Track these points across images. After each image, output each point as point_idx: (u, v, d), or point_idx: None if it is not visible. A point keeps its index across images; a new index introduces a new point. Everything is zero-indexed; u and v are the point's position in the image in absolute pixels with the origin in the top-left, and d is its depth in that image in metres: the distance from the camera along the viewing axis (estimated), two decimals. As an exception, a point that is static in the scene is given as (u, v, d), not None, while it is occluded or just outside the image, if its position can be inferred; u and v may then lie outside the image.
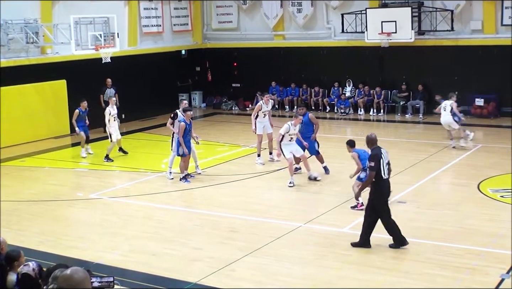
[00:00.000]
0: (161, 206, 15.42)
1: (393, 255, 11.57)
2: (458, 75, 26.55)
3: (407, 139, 22.84)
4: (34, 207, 15.64)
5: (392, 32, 26.14)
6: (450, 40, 26.54)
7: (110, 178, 18.42)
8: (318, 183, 16.60)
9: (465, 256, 11.44)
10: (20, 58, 23.72)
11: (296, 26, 30.02)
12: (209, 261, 11.60)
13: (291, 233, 12.97)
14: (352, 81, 28.87)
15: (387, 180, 11.71)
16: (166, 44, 30.40)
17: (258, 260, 11.62)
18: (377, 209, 11.70)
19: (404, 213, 14.15)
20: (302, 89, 29.89)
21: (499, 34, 25.74)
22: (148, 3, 29.19)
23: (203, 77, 32.35)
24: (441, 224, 13.23)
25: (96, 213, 15.33)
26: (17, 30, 23.16)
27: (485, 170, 17.54)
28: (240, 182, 17.12)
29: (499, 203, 14.57)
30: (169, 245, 12.63)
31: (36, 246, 12.75)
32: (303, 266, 11.30)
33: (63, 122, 24.77)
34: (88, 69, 25.05)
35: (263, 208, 14.93)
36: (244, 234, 13.12)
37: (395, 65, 27.90)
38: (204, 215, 14.57)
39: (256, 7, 30.80)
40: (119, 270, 11.27)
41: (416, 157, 19.40)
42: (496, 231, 12.68)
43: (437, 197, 15.22)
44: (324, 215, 13.58)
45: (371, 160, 11.61)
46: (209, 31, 32.41)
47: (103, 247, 12.74)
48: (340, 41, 28.82)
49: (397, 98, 27.89)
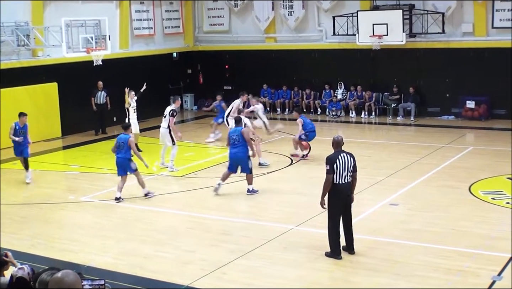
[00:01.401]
0: (152, 209, 15.39)
1: (384, 257, 11.58)
2: (449, 77, 26.63)
3: (398, 141, 22.86)
4: (25, 210, 15.59)
5: (384, 34, 26.17)
6: (441, 42, 26.61)
7: (102, 181, 18.37)
8: (310, 186, 16.56)
9: (456, 258, 11.47)
10: (11, 61, 23.65)
11: (288, 29, 30.04)
12: (201, 264, 11.59)
13: (283, 235, 12.97)
14: (344, 83, 28.89)
15: (343, 186, 11.34)
16: (158, 46, 30.39)
17: (250, 262, 11.61)
18: (329, 212, 11.55)
19: (396, 215, 14.19)
20: (293, 91, 29.90)
21: (490, 37, 25.82)
22: (139, 6, 29.16)
23: (195, 79, 32.33)
24: (432, 226, 13.25)
25: (88, 215, 15.29)
26: (8, 33, 23.09)
27: (476, 172, 17.58)
28: (232, 185, 17.09)
29: (491, 205, 14.61)
30: (161, 247, 12.61)
31: (27, 249, 12.71)
32: (295, 268, 11.30)
33: (54, 125, 24.73)
34: (80, 72, 25.03)
35: (255, 210, 14.94)
36: (236, 236, 13.12)
37: (386, 68, 27.96)
38: (196, 217, 14.56)
39: (247, 9, 30.81)
40: (110, 273, 11.24)
41: (407, 159, 19.43)
42: (487, 233, 12.72)
43: (428, 199, 15.25)
44: (316, 217, 13.57)
45: (326, 162, 11.39)
46: (200, 33, 32.41)
47: (95, 250, 12.71)
48: (332, 43, 28.86)
49: (388, 101, 27.93)
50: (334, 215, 11.47)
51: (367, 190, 15.93)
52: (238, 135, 15.90)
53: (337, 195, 11.37)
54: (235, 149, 15.89)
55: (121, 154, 15.83)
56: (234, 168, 16.03)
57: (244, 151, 15.85)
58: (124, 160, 15.83)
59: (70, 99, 25.02)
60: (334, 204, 11.42)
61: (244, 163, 15.87)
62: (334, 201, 11.41)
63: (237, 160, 15.87)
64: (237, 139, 15.88)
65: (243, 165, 15.90)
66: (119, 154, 15.87)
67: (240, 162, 15.85)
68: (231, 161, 16.05)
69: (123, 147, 15.82)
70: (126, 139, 15.86)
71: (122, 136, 16.03)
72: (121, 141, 15.90)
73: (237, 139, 15.88)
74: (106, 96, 25.39)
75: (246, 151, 15.88)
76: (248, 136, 16.07)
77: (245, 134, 15.95)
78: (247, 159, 15.85)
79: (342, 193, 11.39)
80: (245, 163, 15.88)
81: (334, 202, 11.41)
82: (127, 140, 15.82)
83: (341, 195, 11.39)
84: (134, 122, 21.00)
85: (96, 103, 25.19)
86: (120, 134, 16.24)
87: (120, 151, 15.86)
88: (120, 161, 15.89)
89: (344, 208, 11.51)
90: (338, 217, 11.49)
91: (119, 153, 15.88)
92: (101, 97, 25.38)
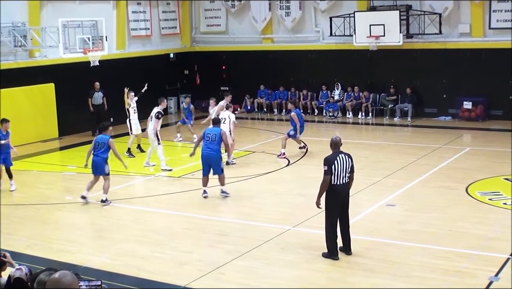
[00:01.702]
0: (150, 209, 15.38)
1: (382, 258, 11.58)
2: (446, 78, 26.66)
3: (395, 142, 22.88)
4: (22, 211, 15.57)
5: (381, 35, 26.19)
6: (438, 43, 26.63)
7: (99, 182, 18.32)
8: (307, 186, 16.55)
9: (454, 258, 11.47)
10: (8, 62, 23.62)
11: (285, 30, 30.05)
12: (198, 264, 11.58)
13: (280, 236, 12.96)
14: (341, 84, 28.90)
15: (341, 186, 11.37)
16: (155, 47, 30.37)
17: (247, 263, 11.61)
18: (327, 213, 11.55)
19: (393, 216, 14.20)
20: (290, 92, 29.90)
21: (487, 37, 25.85)
22: (136, 7, 29.15)
23: (192, 80, 32.32)
24: (430, 227, 13.25)
25: (85, 216, 15.28)
26: (5, 34, 23.07)
27: (473, 173, 17.59)
28: (229, 185, 17.08)
29: (488, 206, 14.62)
30: (158, 248, 12.60)
31: (24, 249, 12.70)
32: (292, 269, 11.30)
33: (52, 125, 24.72)
34: (77, 73, 25.01)
35: (252, 211, 14.92)
36: (233, 237, 13.11)
37: (383, 69, 27.97)
38: (193, 218, 14.55)
39: (244, 10, 30.81)
40: (107, 274, 11.23)
41: (404, 160, 19.44)
42: (485, 234, 12.73)
43: (425, 200, 15.25)
44: (314, 218, 13.57)
45: (324, 163, 11.37)
46: (197, 34, 32.41)
47: (92, 251, 12.70)
48: (329, 44, 28.87)
49: (385, 102, 27.94)
50: (332, 216, 11.47)
51: (364, 190, 15.93)
52: (216, 135, 15.77)
53: (335, 196, 11.37)
54: (209, 148, 15.73)
55: (99, 154, 15.80)
56: (208, 169, 15.89)
57: (218, 150, 15.75)
58: (101, 161, 15.79)
59: (67, 100, 24.99)
60: (332, 205, 11.42)
61: (216, 163, 15.76)
62: (332, 202, 11.41)
63: (209, 158, 15.71)
64: (213, 139, 15.76)
65: (215, 165, 15.76)
66: (97, 153, 15.83)
67: (212, 161, 15.70)
68: (204, 160, 15.87)
69: (102, 146, 15.76)
70: (106, 140, 15.81)
71: (101, 136, 15.98)
72: (100, 141, 15.82)
73: (213, 138, 15.77)
74: (103, 97, 25.38)
75: (219, 151, 15.81)
76: (226, 139, 16.07)
77: (224, 137, 15.90)
78: (219, 159, 15.77)
79: (340, 193, 11.39)
80: (218, 164, 15.76)
81: (332, 202, 11.41)
82: (107, 141, 15.78)
83: (339, 196, 11.40)
84: (135, 122, 21.41)
85: (93, 104, 25.21)
86: (99, 135, 16.21)
87: (98, 150, 15.80)
88: (97, 160, 15.83)
89: (341, 209, 11.51)
90: (336, 218, 11.49)
91: (97, 152, 15.83)
92: (98, 98, 25.37)
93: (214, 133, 15.85)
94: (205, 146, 15.83)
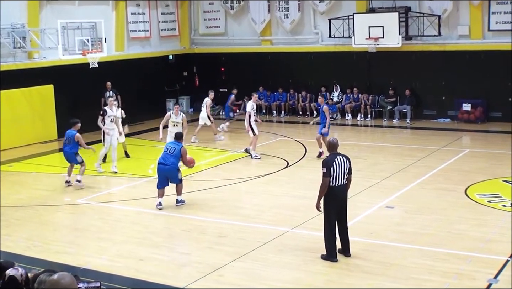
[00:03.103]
0: (148, 211, 15.37)
1: (380, 260, 11.58)
2: (445, 80, 26.66)
3: (394, 144, 22.88)
4: (21, 212, 15.56)
5: (380, 37, 26.23)
6: (438, 45, 26.65)
7: (98, 183, 18.35)
8: (306, 188, 16.55)
9: (452, 260, 11.47)
10: (7, 63, 23.61)
11: (284, 31, 30.06)
12: (197, 266, 11.58)
13: (279, 238, 12.96)
14: (340, 86, 28.91)
15: (339, 188, 11.36)
16: (154, 49, 30.37)
17: (246, 265, 11.61)
18: (325, 215, 11.53)
19: (392, 217, 14.20)
20: (289, 94, 29.92)
21: (486, 39, 25.87)
22: (135, 8, 29.16)
23: (191, 82, 32.33)
24: (428, 229, 13.26)
25: (84, 218, 15.28)
26: (4, 35, 23.08)
27: (472, 175, 17.60)
28: (228, 187, 17.10)
29: (487, 208, 14.62)
30: (157, 250, 12.60)
31: (23, 251, 12.68)
32: (291, 271, 11.30)
33: (51, 127, 24.72)
34: (76, 74, 25.02)
35: (251, 212, 14.92)
36: (232, 239, 13.11)
37: (382, 70, 27.97)
38: (192, 220, 14.54)
39: (243, 12, 30.83)
40: (106, 275, 11.23)
41: (403, 161, 19.44)
42: (483, 236, 12.73)
43: (424, 202, 15.25)
44: (312, 220, 13.57)
45: (323, 165, 11.35)
46: (196, 36, 32.41)
47: (91, 252, 12.68)
48: (328, 46, 28.89)
49: (384, 103, 27.95)
50: (330, 218, 11.47)
51: (362, 192, 15.94)
52: (176, 150, 15.34)
53: (333, 197, 11.38)
54: (166, 162, 15.32)
55: (67, 148, 17.68)
56: (165, 182, 15.58)
57: (175, 163, 15.33)
58: (70, 153, 17.67)
59: (66, 102, 25.00)
60: (330, 206, 11.43)
61: (173, 174, 15.41)
62: (330, 203, 11.42)
63: (166, 172, 15.41)
64: (172, 152, 15.35)
65: (172, 176, 15.45)
66: (66, 147, 17.74)
67: (169, 173, 15.43)
68: (160, 174, 15.52)
69: (70, 141, 17.59)
70: (73, 135, 17.55)
71: (69, 132, 17.76)
72: (68, 136, 17.69)
73: (172, 151, 15.36)
74: (116, 96, 25.67)
75: (177, 163, 15.40)
76: (186, 155, 15.48)
77: (184, 154, 15.39)
78: (176, 170, 15.41)
79: (338, 195, 11.40)
80: (175, 174, 15.42)
81: (330, 204, 11.41)
82: (74, 136, 17.52)
83: (337, 198, 11.40)
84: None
85: (106, 103, 25.29)
86: (68, 130, 17.87)
87: (67, 145, 17.67)
88: (66, 154, 17.81)
89: (340, 211, 11.51)
90: (334, 219, 11.50)
91: (66, 146, 17.73)
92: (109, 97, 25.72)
93: (174, 148, 15.39)
94: (161, 159, 15.41)
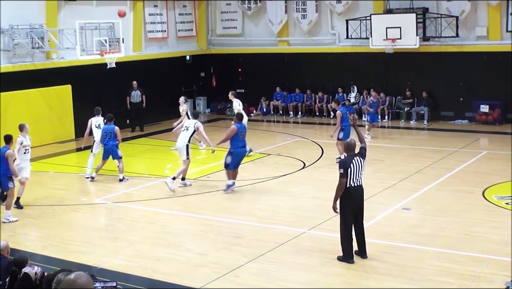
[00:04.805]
0: (165, 211, 15.42)
1: (397, 262, 11.54)
2: (463, 81, 26.53)
3: (411, 145, 22.79)
4: (38, 211, 15.65)
5: (397, 38, 26.13)
6: (455, 46, 26.52)
7: (115, 183, 18.41)
8: (322, 189, 16.52)
9: (470, 263, 11.41)
10: (26, 63, 23.79)
11: (301, 32, 30.04)
12: (213, 267, 11.59)
13: (295, 239, 12.95)
14: (357, 87, 28.84)
15: (356, 188, 11.35)
16: (171, 49, 30.45)
17: (262, 266, 11.60)
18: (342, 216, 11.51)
19: (409, 219, 14.15)
20: (306, 95, 29.90)
21: (504, 41, 25.70)
22: (153, 9, 29.25)
23: (208, 82, 32.39)
24: (445, 231, 13.19)
25: (100, 217, 15.36)
26: (23, 35, 23.25)
27: (490, 176, 17.49)
28: (245, 188, 17.11)
29: (504, 210, 14.51)
30: (173, 250, 12.62)
31: (40, 250, 12.77)
32: (307, 272, 11.28)
33: (68, 127, 24.86)
34: (93, 74, 25.14)
35: (267, 213, 14.91)
36: (248, 239, 13.11)
37: (399, 72, 27.89)
38: (208, 220, 14.56)
39: (260, 12, 30.83)
40: (122, 275, 11.25)
41: (421, 163, 19.36)
42: (501, 238, 12.63)
43: (442, 204, 15.17)
44: (328, 221, 13.55)
45: (340, 166, 11.40)
46: (213, 36, 32.46)
47: (107, 252, 12.74)
48: (345, 47, 28.83)
49: (401, 105, 27.86)
50: (347, 218, 11.44)
51: (379, 194, 15.89)
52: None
53: (350, 198, 11.35)
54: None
55: (111, 142, 18.04)
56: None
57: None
58: (113, 147, 18.10)
59: (83, 102, 25.10)
60: (347, 207, 11.40)
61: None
62: (347, 204, 11.39)
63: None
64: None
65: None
66: (109, 141, 18.03)
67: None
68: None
69: (111, 135, 18.05)
70: (113, 128, 18.09)
71: (107, 126, 18.21)
72: (107, 131, 18.11)
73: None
74: (141, 95, 26.73)
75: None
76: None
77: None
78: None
79: (355, 196, 11.37)
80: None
81: (347, 205, 11.39)
82: (113, 129, 18.04)
83: (354, 198, 11.37)
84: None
85: (131, 102, 26.71)
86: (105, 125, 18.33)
87: (109, 139, 18.04)
88: (110, 148, 18.10)
89: (356, 212, 11.48)
90: (351, 221, 11.46)
91: (108, 141, 18.03)
92: (136, 96, 26.87)
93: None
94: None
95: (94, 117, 18.99)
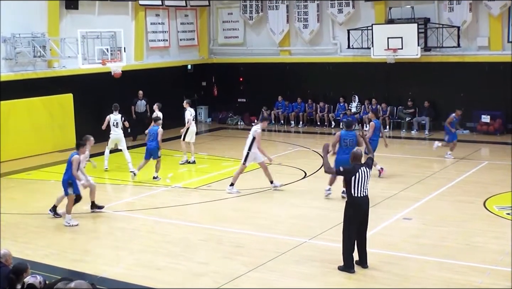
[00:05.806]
0: (166, 220, 15.41)
1: (398, 272, 11.52)
2: (464, 91, 26.54)
3: (412, 155, 22.78)
4: (39, 220, 15.64)
5: (398, 48, 26.17)
6: (457, 56, 26.56)
7: (116, 192, 18.42)
8: (323, 199, 16.53)
9: (470, 273, 11.39)
10: (27, 72, 23.84)
11: (302, 42, 30.09)
12: (213, 276, 11.57)
13: (296, 248, 12.93)
14: (358, 97, 28.87)
15: (362, 199, 11.39)
16: (173, 58, 30.53)
17: (263, 275, 11.58)
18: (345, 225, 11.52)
19: (410, 229, 14.13)
20: (307, 104, 29.92)
21: (505, 51, 25.73)
22: (155, 18, 29.31)
23: (209, 92, 32.43)
24: (446, 241, 13.18)
25: (101, 226, 15.34)
26: (25, 44, 23.30)
27: (491, 187, 17.48)
28: (245, 197, 17.09)
29: (505, 221, 14.49)
30: (174, 259, 12.61)
31: (41, 259, 12.74)
32: (308, 282, 11.26)
33: (69, 136, 24.82)
34: (95, 83, 25.18)
35: (268, 223, 14.90)
36: (249, 249, 13.09)
37: (401, 82, 27.92)
38: (209, 229, 14.55)
39: (262, 22, 30.90)
40: (123, 284, 11.24)
41: (422, 173, 19.36)
42: (502, 249, 12.62)
43: (442, 214, 15.16)
44: (329, 231, 13.54)
45: (343, 168, 11.64)
46: (215, 46, 32.53)
47: (108, 261, 12.72)
48: (346, 57, 28.88)
49: (403, 115, 27.88)
50: (350, 228, 11.43)
51: (380, 204, 15.87)
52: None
53: (356, 208, 11.37)
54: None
55: (154, 143, 18.95)
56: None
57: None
58: (155, 148, 18.91)
59: (85, 111, 25.15)
60: (352, 217, 11.40)
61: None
62: (351, 214, 11.39)
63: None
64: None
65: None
66: (153, 142, 18.99)
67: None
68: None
69: (154, 137, 18.95)
70: (156, 130, 18.96)
71: (152, 128, 19.19)
72: (152, 132, 19.05)
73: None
74: (146, 105, 26.81)
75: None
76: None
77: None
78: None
79: (361, 206, 11.41)
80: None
81: (352, 214, 11.39)
82: (157, 131, 18.92)
83: (360, 208, 11.40)
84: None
85: (136, 112, 26.86)
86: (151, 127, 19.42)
87: (152, 140, 18.98)
88: (152, 148, 18.96)
89: (361, 222, 11.47)
90: (354, 230, 11.45)
91: (152, 142, 18.99)
92: (141, 105, 27.01)
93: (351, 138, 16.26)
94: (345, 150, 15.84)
95: (112, 114, 19.58)
